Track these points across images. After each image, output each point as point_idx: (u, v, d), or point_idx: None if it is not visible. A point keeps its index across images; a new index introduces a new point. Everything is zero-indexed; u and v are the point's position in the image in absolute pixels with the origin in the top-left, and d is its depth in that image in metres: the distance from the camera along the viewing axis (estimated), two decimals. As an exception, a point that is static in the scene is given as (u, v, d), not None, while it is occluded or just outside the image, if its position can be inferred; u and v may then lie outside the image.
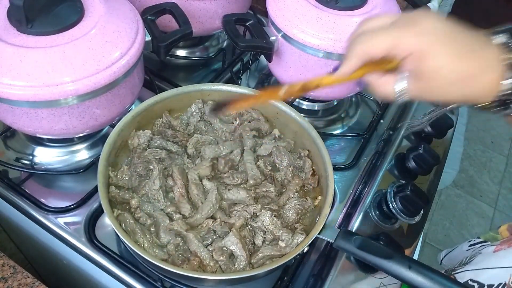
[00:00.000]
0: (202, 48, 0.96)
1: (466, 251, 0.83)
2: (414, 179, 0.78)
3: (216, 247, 0.56)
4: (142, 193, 0.60)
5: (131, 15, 0.64)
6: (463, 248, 0.86)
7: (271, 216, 0.59)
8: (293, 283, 0.62)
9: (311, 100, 0.86)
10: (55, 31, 0.57)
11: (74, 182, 0.68)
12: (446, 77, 0.42)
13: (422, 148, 0.77)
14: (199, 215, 0.58)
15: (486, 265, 0.70)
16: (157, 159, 0.63)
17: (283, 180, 0.66)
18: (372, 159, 0.80)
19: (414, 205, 0.70)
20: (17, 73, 0.53)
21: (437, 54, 0.42)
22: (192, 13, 0.79)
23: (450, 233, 1.94)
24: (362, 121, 0.87)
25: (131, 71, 0.62)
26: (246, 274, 0.53)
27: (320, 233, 0.55)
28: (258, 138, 0.70)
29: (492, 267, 0.69)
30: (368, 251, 0.53)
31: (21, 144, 0.71)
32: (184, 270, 0.52)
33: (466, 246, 0.85)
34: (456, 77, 0.42)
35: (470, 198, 2.10)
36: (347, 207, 0.72)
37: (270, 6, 0.74)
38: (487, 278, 0.68)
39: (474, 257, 0.75)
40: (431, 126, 0.84)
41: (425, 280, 0.49)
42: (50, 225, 0.62)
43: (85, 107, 0.60)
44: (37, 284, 0.55)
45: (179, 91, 0.69)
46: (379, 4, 0.72)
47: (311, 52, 0.71)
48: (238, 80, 0.88)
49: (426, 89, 0.45)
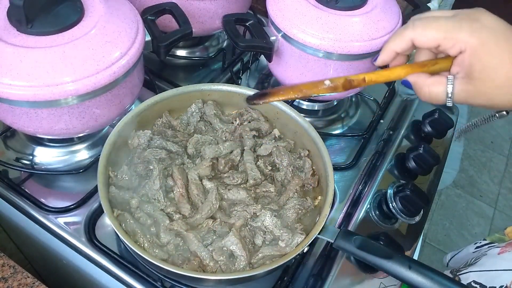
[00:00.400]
0: (202, 48, 0.96)
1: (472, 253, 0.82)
2: (414, 179, 0.78)
3: (216, 247, 0.56)
4: (142, 193, 0.60)
5: (131, 15, 0.64)
6: (469, 250, 0.85)
7: (271, 216, 0.59)
8: (293, 283, 0.62)
9: (311, 100, 0.86)
10: (55, 31, 0.57)
11: (74, 182, 0.68)
12: (498, 79, 0.40)
13: (422, 148, 0.77)
14: (199, 215, 0.58)
15: (490, 267, 0.70)
16: (157, 159, 0.63)
17: (283, 180, 0.66)
18: (372, 159, 0.80)
19: (414, 205, 0.70)
20: (17, 73, 0.53)
21: (493, 54, 0.39)
22: (192, 13, 0.79)
23: (450, 233, 1.94)
24: (362, 121, 0.87)
25: (131, 71, 0.62)
26: (246, 274, 0.53)
27: (320, 233, 0.55)
28: (258, 138, 0.70)
29: (495, 269, 0.68)
30: (368, 251, 0.53)
31: (21, 144, 0.71)
32: (184, 270, 0.52)
33: (472, 249, 0.84)
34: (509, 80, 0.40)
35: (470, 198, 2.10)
36: (347, 207, 0.72)
37: (270, 6, 0.74)
38: (489, 280, 0.67)
39: (479, 258, 0.74)
40: (431, 126, 0.84)
41: (425, 280, 0.49)
42: (50, 225, 0.62)
43: (85, 107, 0.60)
44: (37, 284, 0.55)
45: (179, 91, 0.69)
46: (379, 4, 0.72)
47: (311, 52, 0.71)
48: (238, 80, 0.88)
49: (475, 92, 0.42)
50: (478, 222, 2.02)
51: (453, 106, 0.95)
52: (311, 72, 0.74)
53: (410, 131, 0.87)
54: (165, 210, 0.59)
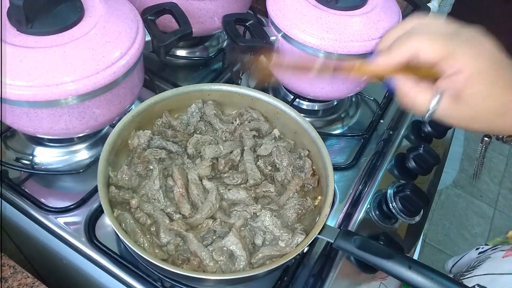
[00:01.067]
0: (202, 48, 0.96)
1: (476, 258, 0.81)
2: (414, 179, 0.78)
3: (216, 247, 0.56)
4: (142, 193, 0.60)
5: (131, 15, 0.64)
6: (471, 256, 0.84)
7: (271, 216, 0.59)
8: (293, 283, 0.62)
9: (311, 100, 0.86)
10: (55, 31, 0.57)
11: (74, 182, 0.68)
12: (484, 107, 0.40)
13: (422, 148, 0.77)
14: (199, 215, 0.58)
15: (493, 271, 0.69)
16: (157, 159, 0.63)
17: (283, 180, 0.66)
18: (372, 159, 0.80)
19: (414, 205, 0.70)
20: (17, 73, 0.53)
21: (486, 83, 0.40)
22: (192, 13, 0.79)
23: (450, 233, 1.94)
24: (362, 121, 0.87)
25: (131, 71, 0.62)
26: (246, 274, 0.53)
27: (320, 233, 0.55)
28: (258, 138, 0.70)
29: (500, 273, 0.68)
30: (368, 251, 0.53)
31: (21, 144, 0.71)
32: (184, 270, 0.52)
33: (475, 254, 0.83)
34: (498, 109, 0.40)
35: (470, 198, 2.10)
36: (347, 207, 0.72)
37: (270, 6, 0.74)
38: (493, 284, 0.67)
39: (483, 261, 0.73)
40: (431, 126, 0.84)
41: (425, 280, 0.49)
42: (50, 225, 0.62)
43: (85, 107, 0.60)
44: (37, 284, 0.55)
45: (179, 91, 0.69)
46: (379, 4, 0.72)
47: (311, 52, 0.71)
48: (238, 80, 0.88)
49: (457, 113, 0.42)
50: (478, 222, 2.02)
51: None
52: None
53: (410, 131, 0.87)
54: (165, 210, 0.59)
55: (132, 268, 0.59)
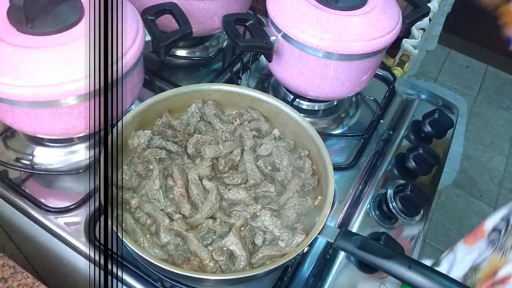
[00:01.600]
0: (202, 48, 0.96)
1: None
2: (414, 179, 0.78)
3: (216, 247, 0.56)
4: (142, 193, 0.60)
5: (131, 15, 0.64)
6: None
7: (271, 216, 0.59)
8: (293, 283, 0.62)
9: (311, 100, 0.86)
10: (55, 31, 0.57)
11: (74, 182, 0.68)
12: None
13: (422, 148, 0.77)
14: (199, 215, 0.58)
15: None
16: (157, 159, 0.63)
17: (283, 180, 0.66)
18: (372, 159, 0.80)
19: (414, 205, 0.70)
20: (17, 73, 0.53)
21: None
22: (192, 13, 0.79)
23: (450, 233, 1.94)
24: (362, 121, 0.87)
25: (131, 71, 0.62)
26: (246, 274, 0.53)
27: (320, 233, 0.55)
28: (258, 138, 0.70)
29: None
30: (368, 251, 0.53)
31: (21, 144, 0.71)
32: (184, 270, 0.52)
33: None
34: None
35: (470, 198, 2.09)
36: (347, 207, 0.72)
37: (270, 6, 0.74)
38: None
39: None
40: (431, 126, 0.84)
41: (425, 280, 0.49)
42: (50, 225, 0.62)
43: (85, 107, 0.60)
44: (37, 284, 0.55)
45: (179, 91, 0.69)
46: (379, 4, 0.72)
47: (311, 52, 0.71)
48: (238, 80, 0.88)
49: None
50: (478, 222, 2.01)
51: (452, 105, 0.95)
52: (311, 72, 0.74)
53: (410, 131, 0.87)
54: (165, 210, 0.59)
55: (132, 268, 0.59)
